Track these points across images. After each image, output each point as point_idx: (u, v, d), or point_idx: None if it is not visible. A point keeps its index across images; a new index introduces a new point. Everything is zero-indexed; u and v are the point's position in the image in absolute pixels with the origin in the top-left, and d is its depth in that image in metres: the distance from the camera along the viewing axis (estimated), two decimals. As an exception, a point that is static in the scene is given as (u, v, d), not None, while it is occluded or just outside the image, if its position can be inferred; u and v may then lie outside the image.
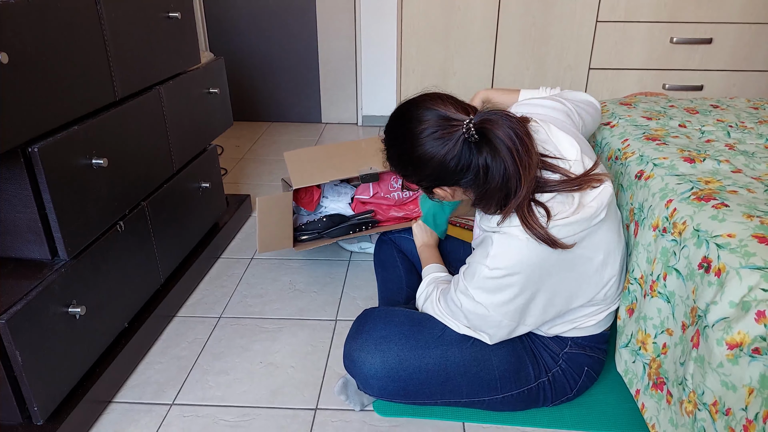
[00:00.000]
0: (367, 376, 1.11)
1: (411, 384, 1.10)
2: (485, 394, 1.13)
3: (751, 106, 1.60)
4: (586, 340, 1.14)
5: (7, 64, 0.91)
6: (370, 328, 1.13)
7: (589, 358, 1.14)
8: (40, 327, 1.02)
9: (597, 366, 1.17)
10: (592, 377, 1.17)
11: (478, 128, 0.90)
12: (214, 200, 1.81)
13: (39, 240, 1.07)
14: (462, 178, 0.96)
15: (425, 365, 1.09)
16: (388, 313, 1.16)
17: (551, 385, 1.14)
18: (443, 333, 1.12)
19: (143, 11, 1.34)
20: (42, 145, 1.00)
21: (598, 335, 1.15)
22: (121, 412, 1.22)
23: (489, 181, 0.93)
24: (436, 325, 1.13)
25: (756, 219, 0.91)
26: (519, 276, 0.97)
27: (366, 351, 1.11)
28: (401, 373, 1.10)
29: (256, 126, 3.21)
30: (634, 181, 1.21)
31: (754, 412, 0.75)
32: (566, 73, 2.39)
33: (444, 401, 1.14)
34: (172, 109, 1.49)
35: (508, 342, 1.12)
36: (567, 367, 1.13)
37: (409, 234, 1.48)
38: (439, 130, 0.93)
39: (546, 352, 1.14)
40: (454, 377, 1.10)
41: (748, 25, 2.26)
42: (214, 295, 1.63)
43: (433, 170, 0.96)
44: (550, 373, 1.13)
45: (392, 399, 1.14)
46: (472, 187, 0.97)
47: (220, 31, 3.06)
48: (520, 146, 0.90)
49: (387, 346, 1.10)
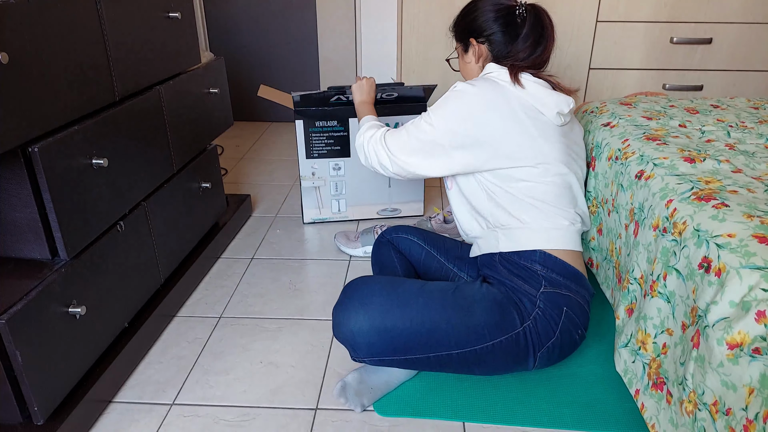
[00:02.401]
0: (353, 332, 1.13)
1: (397, 336, 1.12)
2: (474, 343, 1.14)
3: (752, 105, 1.60)
4: (557, 268, 1.16)
5: (7, 64, 0.91)
6: (352, 291, 1.18)
7: (566, 298, 1.16)
8: (40, 327, 1.02)
9: (576, 309, 1.17)
10: (575, 322, 1.17)
11: (528, 8, 1.21)
12: (214, 200, 1.81)
13: (39, 240, 1.07)
14: (495, 36, 1.23)
15: (409, 315, 1.13)
16: (370, 278, 1.23)
17: (535, 328, 1.15)
18: (423, 285, 1.18)
19: (143, 11, 1.34)
20: (42, 145, 1.00)
21: (570, 270, 1.17)
22: (121, 412, 1.22)
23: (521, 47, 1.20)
24: (415, 281, 1.21)
25: (756, 219, 0.91)
26: (472, 93, 1.16)
27: (350, 309, 1.15)
28: (386, 324, 1.12)
29: (256, 126, 3.21)
30: (634, 181, 1.21)
31: (755, 412, 0.75)
32: (566, 73, 2.39)
33: (435, 355, 1.15)
34: (172, 109, 1.49)
35: (488, 292, 1.17)
36: (546, 307, 1.15)
37: (408, 234, 1.48)
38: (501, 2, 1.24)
39: (524, 296, 1.16)
40: (439, 325, 1.13)
41: (748, 25, 2.26)
42: (214, 295, 1.63)
43: (481, 20, 1.24)
44: (531, 317, 1.15)
45: (382, 357, 1.15)
46: (499, 47, 1.23)
47: (220, 31, 3.06)
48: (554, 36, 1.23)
49: (369, 300, 1.14)
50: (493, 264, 1.23)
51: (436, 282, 1.22)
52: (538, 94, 1.17)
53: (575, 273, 1.18)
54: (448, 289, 1.18)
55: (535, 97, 1.17)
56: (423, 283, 1.20)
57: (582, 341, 1.22)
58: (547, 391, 1.25)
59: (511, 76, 1.18)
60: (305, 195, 2.00)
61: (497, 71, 1.20)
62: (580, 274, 1.19)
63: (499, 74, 1.19)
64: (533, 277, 1.16)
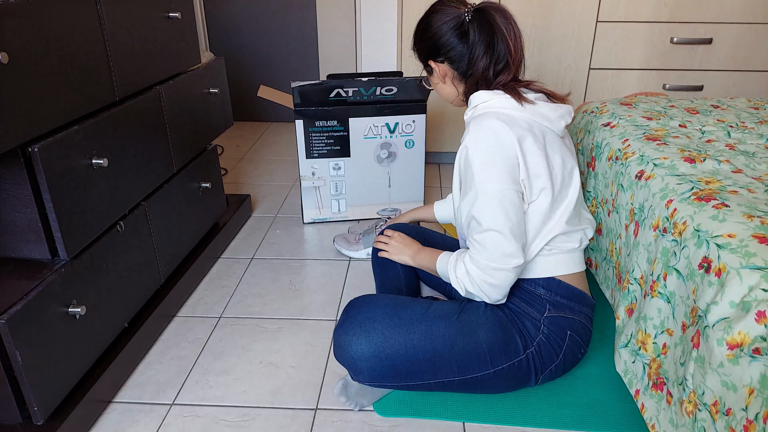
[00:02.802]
0: (354, 358, 1.12)
1: (399, 362, 1.11)
2: (476, 370, 1.13)
3: (752, 106, 1.60)
4: (561, 291, 1.14)
5: (7, 64, 0.91)
6: (355, 313, 1.16)
7: (570, 321, 1.14)
8: (39, 327, 1.01)
9: (580, 330, 1.16)
10: (578, 343, 1.17)
11: (477, 10, 1.11)
12: (214, 200, 1.81)
13: (39, 240, 1.07)
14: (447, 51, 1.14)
15: (411, 342, 1.11)
16: (373, 298, 1.19)
17: (539, 354, 1.14)
18: (427, 310, 1.15)
19: (143, 11, 1.34)
20: (42, 145, 1.00)
21: (574, 291, 1.15)
22: (121, 412, 1.22)
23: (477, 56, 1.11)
24: (420, 304, 1.16)
25: (756, 219, 0.91)
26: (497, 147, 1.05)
27: (351, 333, 1.12)
28: (388, 351, 1.10)
29: (256, 126, 3.21)
30: (634, 181, 1.21)
31: (755, 413, 0.75)
32: (566, 74, 2.39)
33: (436, 381, 1.14)
34: (172, 109, 1.49)
35: (492, 315, 1.14)
36: (550, 332, 1.13)
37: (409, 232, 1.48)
38: (446, 7, 1.14)
39: (528, 320, 1.14)
40: (442, 352, 1.11)
41: (748, 25, 2.26)
42: (214, 295, 1.63)
43: (433, 41, 1.14)
44: (534, 342, 1.14)
45: (384, 382, 1.14)
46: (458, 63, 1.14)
47: (220, 31, 3.06)
48: (515, 32, 1.10)
49: (371, 326, 1.12)
50: None
51: (440, 303, 1.18)
52: (543, 111, 1.11)
53: (579, 294, 1.16)
54: (452, 314, 1.14)
55: (542, 114, 1.10)
56: (427, 306, 1.16)
57: (584, 356, 1.22)
58: (547, 392, 1.25)
59: (513, 97, 1.09)
60: (305, 195, 2.00)
61: (492, 100, 1.10)
62: (583, 294, 1.17)
63: (497, 102, 1.10)
64: (536, 300, 1.15)
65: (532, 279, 1.15)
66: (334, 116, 1.89)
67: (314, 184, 1.98)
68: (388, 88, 1.85)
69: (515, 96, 1.09)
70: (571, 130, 1.67)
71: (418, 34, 1.20)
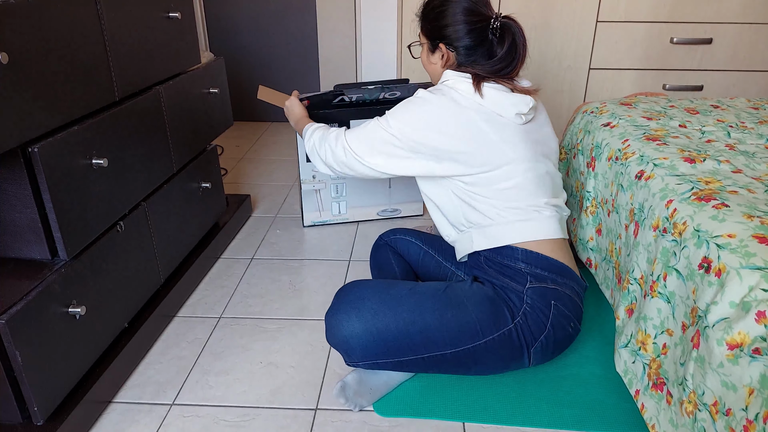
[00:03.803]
0: (346, 336, 1.14)
1: (390, 338, 1.13)
2: (467, 341, 1.14)
3: (752, 106, 1.60)
4: (540, 263, 1.16)
5: (7, 64, 0.91)
6: (344, 296, 1.19)
7: (553, 291, 1.16)
8: (39, 327, 1.01)
9: (566, 301, 1.17)
10: (565, 314, 1.17)
11: (503, 24, 1.16)
12: (214, 200, 1.81)
13: (39, 240, 1.07)
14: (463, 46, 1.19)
15: (401, 315, 1.13)
16: (361, 281, 1.24)
17: (526, 323, 1.15)
18: (414, 286, 1.19)
19: (143, 11, 1.34)
20: (42, 145, 1.00)
21: (554, 263, 1.17)
22: (121, 412, 1.22)
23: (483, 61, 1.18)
24: (407, 283, 1.21)
25: (756, 219, 0.91)
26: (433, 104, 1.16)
27: (342, 312, 1.15)
28: (379, 326, 1.13)
29: (256, 126, 3.21)
30: (634, 181, 1.21)
31: (755, 413, 0.75)
32: (566, 73, 2.39)
33: (429, 356, 1.15)
34: (172, 109, 1.49)
35: (478, 289, 1.18)
36: (533, 302, 1.15)
37: (406, 235, 1.48)
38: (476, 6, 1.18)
39: (512, 293, 1.16)
40: (432, 325, 1.13)
41: (748, 25, 2.26)
42: (214, 295, 1.63)
43: (452, 29, 1.18)
44: (520, 312, 1.15)
45: (377, 361, 1.16)
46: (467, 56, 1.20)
47: (220, 31, 3.06)
48: (524, 51, 1.19)
49: (361, 303, 1.15)
50: (480, 265, 1.24)
51: (428, 282, 1.23)
52: (496, 99, 1.16)
53: (560, 266, 1.18)
54: (440, 288, 1.19)
55: (493, 102, 1.16)
56: (414, 284, 1.21)
57: (577, 334, 1.23)
58: (547, 392, 1.25)
59: (474, 86, 1.16)
60: (305, 198, 2.00)
61: (456, 80, 1.18)
62: (565, 266, 1.19)
63: (458, 83, 1.18)
64: (518, 274, 1.17)
65: (507, 250, 1.18)
66: (335, 119, 1.88)
67: (315, 187, 1.98)
68: (391, 92, 1.86)
69: (475, 83, 1.17)
70: (571, 130, 1.67)
71: (437, 12, 1.21)
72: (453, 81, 1.19)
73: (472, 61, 1.19)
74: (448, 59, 1.22)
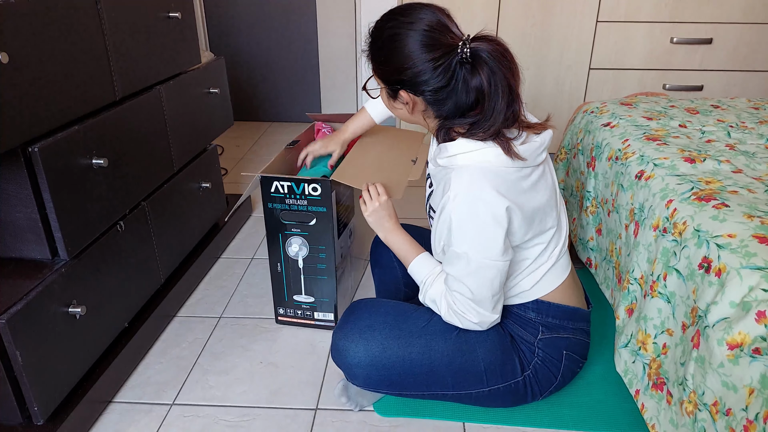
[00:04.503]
0: (351, 364, 1.12)
1: (395, 373, 1.11)
2: (471, 387, 1.12)
3: (752, 106, 1.60)
4: (551, 312, 1.11)
5: (7, 64, 0.91)
6: (355, 318, 1.15)
7: (565, 340, 1.13)
8: (40, 327, 1.01)
9: (576, 347, 1.15)
10: (575, 360, 1.16)
11: (475, 54, 0.90)
12: (214, 200, 1.81)
13: (39, 240, 1.07)
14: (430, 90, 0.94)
15: (409, 354, 1.10)
16: (375, 304, 1.18)
17: (535, 377, 1.13)
18: (428, 323, 1.12)
19: (143, 11, 1.34)
20: (42, 145, 1.00)
21: (565, 309, 1.12)
22: (121, 412, 1.22)
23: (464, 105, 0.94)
24: (421, 315, 1.14)
25: (756, 219, 0.91)
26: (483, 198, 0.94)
27: (350, 339, 1.12)
28: (384, 362, 1.10)
29: (256, 126, 3.21)
30: (634, 181, 1.21)
31: (755, 413, 0.75)
32: (566, 73, 2.39)
33: (430, 393, 1.14)
34: (172, 109, 1.49)
35: (493, 334, 1.11)
36: (545, 355, 1.12)
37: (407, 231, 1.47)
38: (435, 34, 0.92)
39: (523, 344, 1.13)
40: (439, 368, 1.10)
41: (748, 25, 2.26)
42: (214, 295, 1.63)
43: (411, 72, 0.94)
44: (531, 365, 1.13)
45: (378, 389, 1.14)
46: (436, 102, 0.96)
47: (220, 31, 3.06)
48: (513, 74, 0.92)
49: (371, 334, 1.11)
50: None
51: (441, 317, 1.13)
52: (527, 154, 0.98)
53: (571, 311, 1.13)
54: (453, 329, 1.11)
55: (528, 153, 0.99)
56: (428, 319, 1.12)
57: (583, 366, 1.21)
58: (547, 392, 1.25)
59: (504, 151, 0.95)
60: None
61: (477, 151, 0.96)
62: (576, 310, 1.13)
63: (482, 155, 0.96)
64: (529, 324, 1.12)
65: (521, 303, 1.13)
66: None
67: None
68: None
69: (505, 148, 0.95)
70: (572, 130, 1.67)
71: (387, 47, 0.96)
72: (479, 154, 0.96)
73: (448, 111, 0.97)
74: (415, 104, 1.00)
